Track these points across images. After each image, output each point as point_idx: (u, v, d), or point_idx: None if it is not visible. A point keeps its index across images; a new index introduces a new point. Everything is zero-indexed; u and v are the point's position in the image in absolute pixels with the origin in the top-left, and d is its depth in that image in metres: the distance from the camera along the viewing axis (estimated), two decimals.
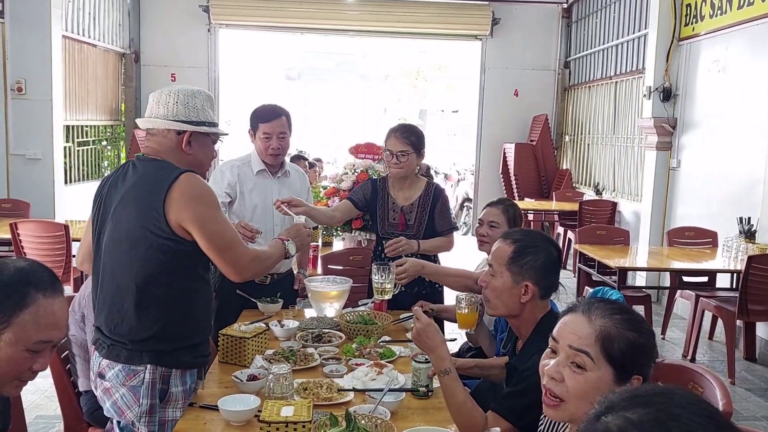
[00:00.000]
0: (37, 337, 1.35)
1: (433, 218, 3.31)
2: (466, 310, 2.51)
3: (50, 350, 1.42)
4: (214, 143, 2.26)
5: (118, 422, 2.14)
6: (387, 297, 2.92)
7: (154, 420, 2.07)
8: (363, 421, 1.81)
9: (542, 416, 1.67)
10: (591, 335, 1.40)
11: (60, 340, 1.43)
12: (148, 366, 2.06)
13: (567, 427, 1.52)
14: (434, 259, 3.35)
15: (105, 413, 2.17)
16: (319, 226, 4.62)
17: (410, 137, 3.23)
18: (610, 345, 1.39)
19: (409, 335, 2.68)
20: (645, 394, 0.89)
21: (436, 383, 2.28)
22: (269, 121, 3.17)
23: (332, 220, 3.52)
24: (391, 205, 3.33)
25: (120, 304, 2.08)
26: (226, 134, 2.30)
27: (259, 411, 1.85)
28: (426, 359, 2.15)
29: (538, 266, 2.02)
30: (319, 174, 7.68)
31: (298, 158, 7.29)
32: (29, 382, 1.45)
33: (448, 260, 3.60)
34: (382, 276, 2.85)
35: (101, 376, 2.13)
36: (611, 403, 0.89)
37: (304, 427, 1.73)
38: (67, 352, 2.68)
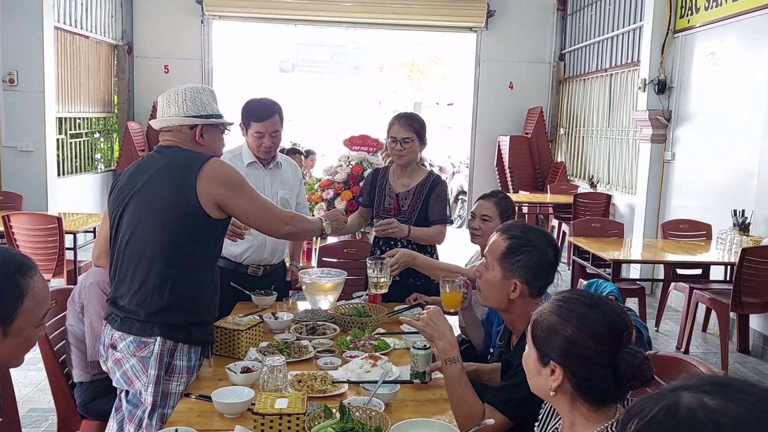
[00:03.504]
0: (40, 313, 1.49)
1: (427, 206, 3.31)
2: (450, 290, 2.54)
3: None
4: (222, 133, 2.45)
5: (126, 394, 2.24)
6: (383, 291, 2.93)
7: (158, 390, 2.18)
8: (357, 413, 1.80)
9: (542, 405, 1.67)
10: (533, 317, 1.49)
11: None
12: (158, 338, 2.19)
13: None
14: (431, 251, 3.35)
15: (114, 383, 2.27)
16: None
17: (414, 124, 3.29)
18: (536, 326, 1.47)
19: (404, 327, 2.68)
20: (732, 384, 0.83)
21: (432, 377, 2.28)
22: (262, 120, 3.12)
23: (360, 226, 3.69)
24: (388, 191, 3.38)
25: (140, 271, 2.20)
26: (231, 123, 2.50)
27: (253, 403, 1.85)
28: (425, 346, 2.15)
29: (530, 266, 1.99)
30: (311, 167, 7.68)
31: (294, 152, 7.27)
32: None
33: (441, 253, 3.60)
34: (376, 270, 2.87)
35: (113, 347, 2.24)
36: (692, 382, 0.84)
37: (298, 419, 1.72)
38: (61, 343, 2.67)
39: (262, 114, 3.13)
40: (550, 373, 1.41)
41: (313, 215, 4.39)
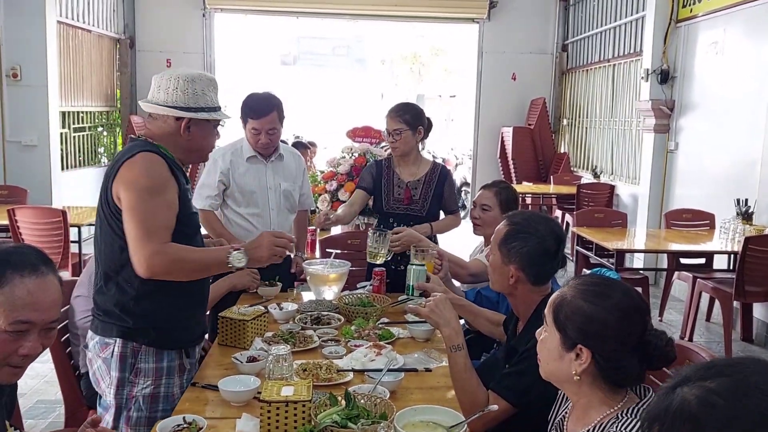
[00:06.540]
0: (13, 317, 1.32)
1: (441, 196, 3.38)
2: (420, 260, 2.63)
3: (39, 334, 1.38)
4: (216, 127, 2.25)
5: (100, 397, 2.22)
6: (378, 262, 2.99)
7: (121, 393, 2.10)
8: (362, 401, 1.82)
9: (559, 391, 1.67)
10: (553, 301, 1.47)
11: (45, 323, 1.39)
12: (118, 339, 2.09)
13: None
14: (433, 240, 3.37)
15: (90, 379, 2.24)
16: (316, 210, 4.64)
17: (404, 115, 3.30)
18: (558, 310, 1.45)
19: (408, 316, 2.70)
20: (720, 364, 0.90)
21: (436, 364, 2.30)
22: (258, 118, 3.11)
23: (354, 215, 3.56)
24: (397, 181, 3.40)
25: (97, 269, 2.16)
26: (228, 117, 2.29)
27: (259, 392, 1.86)
28: (420, 264, 2.37)
29: (524, 253, 2.00)
30: (311, 158, 7.67)
31: (300, 146, 7.25)
32: (29, 369, 1.42)
33: (446, 244, 3.62)
34: (376, 241, 2.92)
35: (86, 346, 2.22)
36: (686, 375, 0.89)
37: (304, 406, 1.74)
38: (67, 335, 2.69)
39: (259, 111, 3.11)
40: (575, 357, 1.41)
41: (317, 207, 4.40)
